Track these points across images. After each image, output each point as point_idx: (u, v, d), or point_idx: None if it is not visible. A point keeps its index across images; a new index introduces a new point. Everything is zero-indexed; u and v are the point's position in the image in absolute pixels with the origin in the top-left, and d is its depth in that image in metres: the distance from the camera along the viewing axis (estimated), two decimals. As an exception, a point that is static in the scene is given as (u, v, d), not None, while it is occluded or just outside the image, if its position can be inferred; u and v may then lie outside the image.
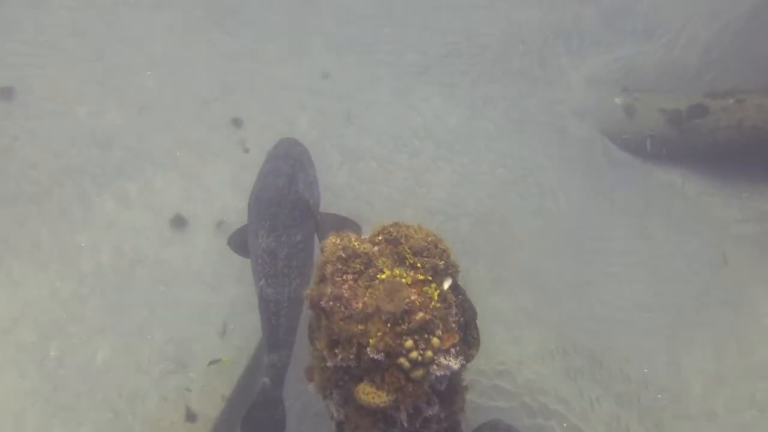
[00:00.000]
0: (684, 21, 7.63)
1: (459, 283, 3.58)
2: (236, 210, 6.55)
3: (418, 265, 3.32)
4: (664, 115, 6.96)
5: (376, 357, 3.13)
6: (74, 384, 5.71)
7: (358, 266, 3.28)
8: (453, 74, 7.28)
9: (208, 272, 6.34)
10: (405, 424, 3.34)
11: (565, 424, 5.43)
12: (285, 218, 5.17)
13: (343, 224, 5.39)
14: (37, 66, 7.13)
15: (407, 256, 3.35)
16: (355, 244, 3.35)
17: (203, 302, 6.08)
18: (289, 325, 5.10)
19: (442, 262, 3.41)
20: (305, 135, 6.94)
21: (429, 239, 3.44)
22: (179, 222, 6.39)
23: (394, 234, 3.41)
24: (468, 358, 3.56)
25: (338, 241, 3.36)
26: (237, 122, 6.87)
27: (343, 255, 3.30)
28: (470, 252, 6.49)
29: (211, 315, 5.95)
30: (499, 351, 6.08)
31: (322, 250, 3.31)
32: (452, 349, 3.27)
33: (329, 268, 3.30)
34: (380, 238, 3.47)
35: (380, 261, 3.31)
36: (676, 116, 6.89)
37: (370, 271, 3.29)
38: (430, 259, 3.35)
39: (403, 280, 3.24)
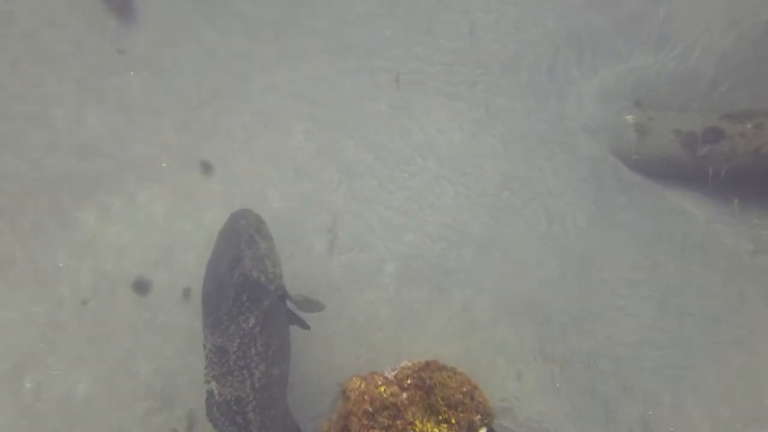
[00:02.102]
0: (700, 30, 7.36)
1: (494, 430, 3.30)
2: (226, 230, 6.21)
3: (453, 420, 3.05)
4: (677, 136, 6.73)
5: None
6: (51, 420, 5.47)
7: (386, 420, 3.00)
8: (458, 85, 6.94)
9: (198, 297, 6.03)
10: None
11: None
12: (230, 308, 4.90)
13: (307, 305, 5.26)
14: (8, 61, 6.62)
15: (441, 409, 3.07)
16: (382, 390, 3.05)
17: (192, 329, 5.79)
18: (263, 418, 4.85)
19: (479, 416, 3.13)
20: (301, 147, 6.60)
21: (465, 389, 3.18)
22: (141, 287, 5.96)
23: (426, 381, 3.13)
24: None
25: (363, 388, 3.07)
26: (206, 167, 6.48)
27: (370, 409, 3.04)
28: (474, 281, 6.27)
29: (199, 344, 5.65)
30: (501, 387, 5.94)
31: (344, 395, 3.03)
32: None
33: (355, 423, 3.02)
34: (410, 382, 3.19)
35: (410, 412, 3.03)
36: (690, 139, 6.67)
37: (398, 423, 3.00)
38: (467, 414, 3.07)
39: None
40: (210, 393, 4.94)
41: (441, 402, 3.19)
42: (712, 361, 6.04)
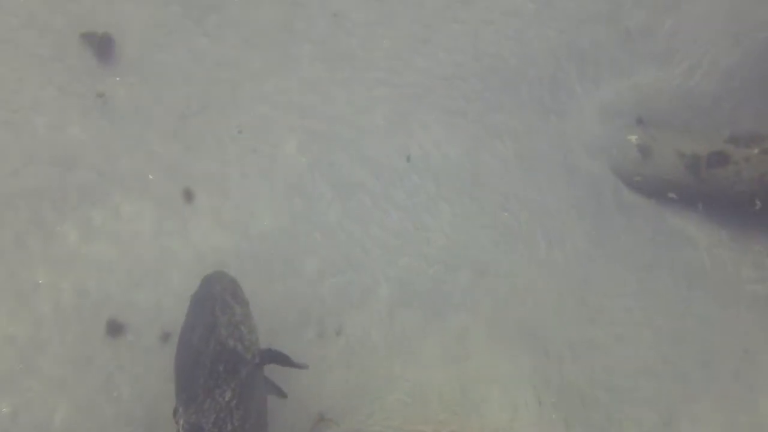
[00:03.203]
0: (706, 45, 7.19)
1: None
2: (217, 247, 6.03)
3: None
4: (681, 159, 6.59)
5: None
6: (29, 447, 5.27)
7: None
8: (457, 99, 6.76)
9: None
10: None
11: None
12: (206, 380, 4.66)
13: (288, 364, 5.15)
14: (-14, 64, 6.35)
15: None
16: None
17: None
18: None
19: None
20: (293, 162, 6.40)
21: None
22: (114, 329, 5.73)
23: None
24: None
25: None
26: (194, 180, 6.25)
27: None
28: (469, 307, 6.13)
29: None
30: (494, 417, 5.80)
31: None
32: None
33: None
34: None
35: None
36: (694, 162, 6.54)
37: None
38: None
39: None
40: None
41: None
42: (710, 394, 5.96)
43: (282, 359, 5.16)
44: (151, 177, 6.27)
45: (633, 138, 6.83)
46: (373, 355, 6.01)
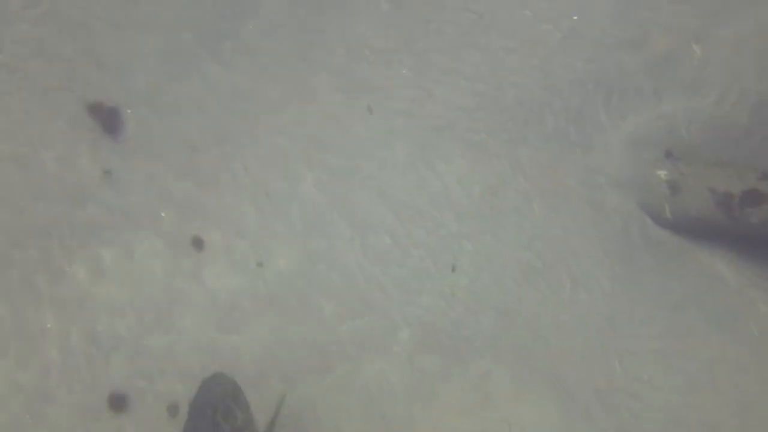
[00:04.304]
0: (736, 74, 6.91)
1: None
2: (232, 288, 5.83)
3: None
4: (712, 196, 6.34)
5: None
6: (37, 503, 5.08)
7: None
8: (479, 132, 6.53)
9: (195, 363, 5.66)
10: None
11: None
12: None
13: None
14: (-6, 94, 6.15)
15: None
16: None
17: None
18: None
19: None
20: (311, 198, 6.18)
21: None
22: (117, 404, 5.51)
23: None
24: None
25: None
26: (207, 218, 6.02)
27: None
28: (492, 351, 5.93)
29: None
30: (519, 468, 5.59)
31: None
32: None
33: None
34: None
35: None
36: (726, 200, 6.29)
37: None
38: None
39: None
40: None
41: None
42: (743, 446, 5.75)
43: None
44: (163, 215, 6.06)
45: (661, 173, 6.58)
46: (392, 401, 5.80)
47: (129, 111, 6.29)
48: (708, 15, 6.96)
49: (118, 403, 5.44)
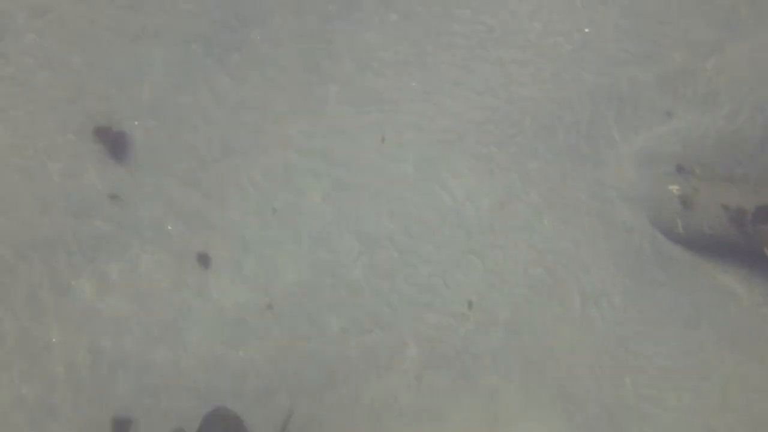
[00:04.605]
0: (749, 88, 6.82)
1: None
2: (238, 303, 5.78)
3: None
4: (726, 212, 6.25)
5: None
6: None
7: None
8: (489, 145, 6.45)
9: (201, 379, 5.61)
10: None
11: None
12: None
13: None
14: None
15: None
16: None
17: (199, 417, 5.34)
18: None
19: None
20: (318, 212, 6.13)
21: None
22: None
23: None
24: None
25: None
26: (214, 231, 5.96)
27: None
28: (501, 367, 5.85)
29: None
30: (528, 488, 5.52)
31: None
32: None
33: None
34: None
35: None
36: (739, 217, 6.20)
37: None
38: None
39: None
40: None
41: None
42: (756, 468, 5.66)
43: None
44: (170, 228, 6.01)
45: (674, 188, 6.50)
46: (400, 418, 5.73)
47: (136, 123, 6.25)
48: (721, 28, 6.88)
49: (122, 426, 5.40)
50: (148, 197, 6.07)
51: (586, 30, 6.83)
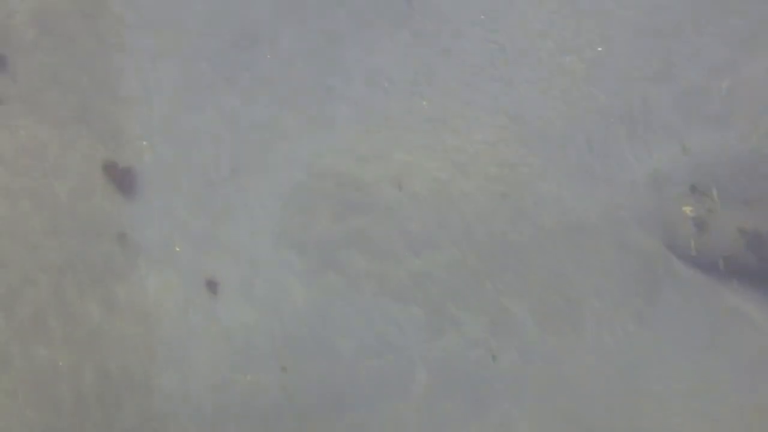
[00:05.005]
0: (766, 107, 6.73)
1: None
2: (247, 325, 5.71)
3: None
4: (742, 235, 6.15)
5: None
6: None
7: None
8: (501, 166, 6.40)
9: (208, 407, 5.55)
10: None
11: None
12: None
13: None
14: (5, 127, 6.06)
15: None
16: None
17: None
18: None
19: None
20: (328, 234, 6.05)
21: None
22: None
23: None
24: None
25: None
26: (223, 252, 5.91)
27: None
28: (512, 393, 5.76)
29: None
30: None
31: None
32: None
33: None
34: None
35: None
36: (756, 240, 6.09)
37: None
38: None
39: None
40: None
41: None
42: (773, 497, 5.55)
43: None
44: (177, 249, 5.95)
45: (687, 209, 6.41)
46: (410, 444, 5.66)
47: (144, 143, 6.21)
48: (736, 46, 6.80)
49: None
50: (154, 217, 6.02)
51: (599, 48, 6.76)
